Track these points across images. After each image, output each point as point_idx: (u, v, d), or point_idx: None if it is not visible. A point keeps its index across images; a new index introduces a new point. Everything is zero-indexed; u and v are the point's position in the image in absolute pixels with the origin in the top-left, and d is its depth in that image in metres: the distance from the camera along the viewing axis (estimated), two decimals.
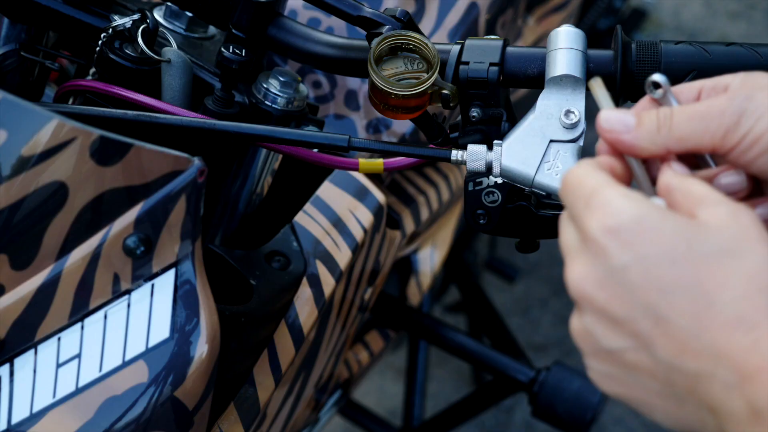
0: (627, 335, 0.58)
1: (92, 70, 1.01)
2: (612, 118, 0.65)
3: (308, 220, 1.12)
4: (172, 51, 0.99)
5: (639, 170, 0.65)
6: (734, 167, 0.64)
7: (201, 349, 0.84)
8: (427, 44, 0.85)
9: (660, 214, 0.58)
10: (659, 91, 0.67)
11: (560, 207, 0.89)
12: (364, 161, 0.95)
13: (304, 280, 1.07)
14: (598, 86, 0.68)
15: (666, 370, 0.57)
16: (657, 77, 0.67)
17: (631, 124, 0.64)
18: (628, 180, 0.65)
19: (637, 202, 0.59)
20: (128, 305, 0.83)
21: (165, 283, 0.83)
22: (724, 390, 0.54)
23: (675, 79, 0.82)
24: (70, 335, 0.83)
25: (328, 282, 1.09)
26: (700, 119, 0.63)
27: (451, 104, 0.85)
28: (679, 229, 0.57)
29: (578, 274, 0.60)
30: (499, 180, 0.87)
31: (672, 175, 0.62)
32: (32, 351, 0.83)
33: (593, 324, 0.59)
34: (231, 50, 0.94)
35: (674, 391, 0.57)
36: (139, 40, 0.97)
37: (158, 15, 1.07)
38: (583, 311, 0.60)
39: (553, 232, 0.91)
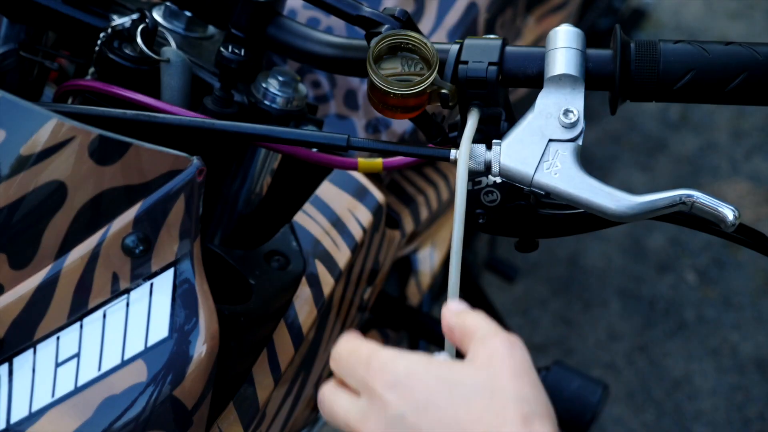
0: None
1: (91, 69, 1.01)
2: None
3: (307, 219, 1.12)
4: (171, 51, 0.99)
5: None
6: None
7: (200, 348, 0.84)
8: (426, 43, 0.85)
9: (425, 365, 0.67)
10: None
11: (560, 206, 0.89)
12: (363, 161, 0.95)
13: (304, 280, 1.07)
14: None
15: None
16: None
17: None
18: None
19: (406, 356, 0.68)
20: (127, 304, 0.83)
21: (164, 283, 0.83)
22: None
23: (674, 78, 0.82)
24: (69, 334, 0.83)
25: (327, 282, 1.09)
26: None
27: (450, 104, 0.84)
28: (441, 375, 0.66)
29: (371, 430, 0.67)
30: (498, 179, 0.87)
31: (448, 316, 0.72)
32: (31, 350, 0.83)
33: None
34: (230, 50, 0.94)
35: None
36: (138, 39, 0.97)
37: (157, 15, 1.07)
38: None
39: (552, 231, 0.90)
